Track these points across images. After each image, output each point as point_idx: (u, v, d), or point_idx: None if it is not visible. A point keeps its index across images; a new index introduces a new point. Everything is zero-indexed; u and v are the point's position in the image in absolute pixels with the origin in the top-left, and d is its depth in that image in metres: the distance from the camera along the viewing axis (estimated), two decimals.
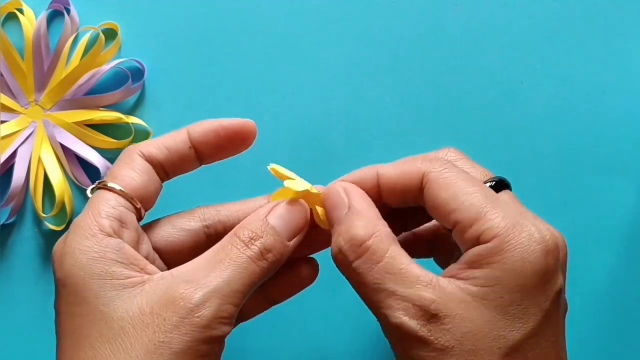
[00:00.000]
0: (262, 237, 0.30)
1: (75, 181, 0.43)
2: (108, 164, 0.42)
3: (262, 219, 0.31)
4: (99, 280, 0.28)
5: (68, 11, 0.43)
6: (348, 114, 0.43)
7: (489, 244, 0.28)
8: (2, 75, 0.43)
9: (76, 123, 0.42)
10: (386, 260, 0.29)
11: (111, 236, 0.30)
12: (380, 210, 0.31)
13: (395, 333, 0.28)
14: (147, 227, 0.33)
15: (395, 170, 0.32)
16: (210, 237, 0.33)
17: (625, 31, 0.43)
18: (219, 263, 0.29)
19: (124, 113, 0.43)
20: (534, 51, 0.43)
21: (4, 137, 0.43)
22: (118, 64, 0.43)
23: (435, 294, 0.28)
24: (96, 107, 0.43)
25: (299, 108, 0.43)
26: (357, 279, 0.29)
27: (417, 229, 0.35)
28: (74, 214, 0.43)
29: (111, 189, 0.31)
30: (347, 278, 0.30)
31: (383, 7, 0.43)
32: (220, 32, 0.44)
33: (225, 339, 0.29)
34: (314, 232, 0.32)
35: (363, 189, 0.32)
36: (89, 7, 0.44)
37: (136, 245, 0.31)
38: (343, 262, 0.30)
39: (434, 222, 0.34)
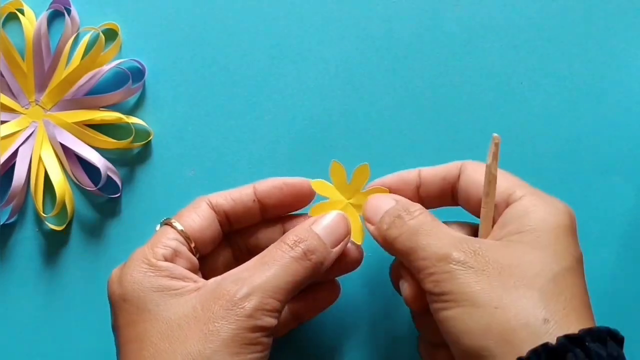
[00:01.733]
0: (306, 240, 0.34)
1: (76, 181, 0.43)
2: (108, 164, 0.42)
3: (307, 228, 0.35)
4: (158, 292, 0.33)
5: (68, 11, 0.43)
6: (348, 114, 0.43)
7: (520, 201, 0.33)
8: (2, 75, 0.43)
9: (76, 123, 0.42)
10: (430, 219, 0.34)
11: (164, 261, 0.34)
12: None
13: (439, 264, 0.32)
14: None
15: (435, 168, 0.37)
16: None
17: (624, 32, 0.43)
18: (264, 264, 0.33)
19: (124, 113, 0.43)
20: (534, 51, 0.43)
21: (4, 137, 0.43)
22: (118, 64, 0.43)
23: (473, 243, 0.32)
24: (97, 107, 0.43)
25: (299, 107, 0.43)
26: (412, 232, 0.34)
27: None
28: (75, 213, 0.43)
29: (173, 226, 0.35)
30: (388, 246, 0.35)
31: (383, 6, 0.43)
32: (220, 32, 0.44)
33: (271, 333, 0.32)
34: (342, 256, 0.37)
35: (405, 186, 0.37)
36: (90, 7, 0.44)
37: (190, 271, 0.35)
38: (399, 224, 0.34)
39: None
